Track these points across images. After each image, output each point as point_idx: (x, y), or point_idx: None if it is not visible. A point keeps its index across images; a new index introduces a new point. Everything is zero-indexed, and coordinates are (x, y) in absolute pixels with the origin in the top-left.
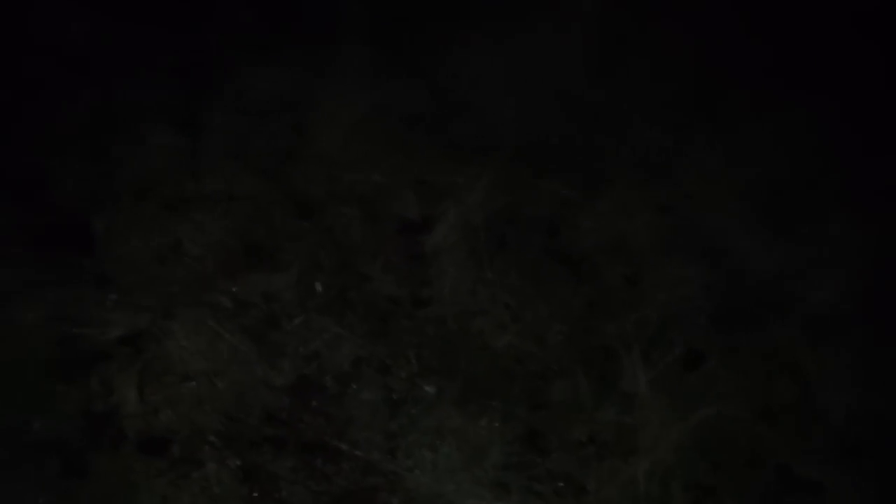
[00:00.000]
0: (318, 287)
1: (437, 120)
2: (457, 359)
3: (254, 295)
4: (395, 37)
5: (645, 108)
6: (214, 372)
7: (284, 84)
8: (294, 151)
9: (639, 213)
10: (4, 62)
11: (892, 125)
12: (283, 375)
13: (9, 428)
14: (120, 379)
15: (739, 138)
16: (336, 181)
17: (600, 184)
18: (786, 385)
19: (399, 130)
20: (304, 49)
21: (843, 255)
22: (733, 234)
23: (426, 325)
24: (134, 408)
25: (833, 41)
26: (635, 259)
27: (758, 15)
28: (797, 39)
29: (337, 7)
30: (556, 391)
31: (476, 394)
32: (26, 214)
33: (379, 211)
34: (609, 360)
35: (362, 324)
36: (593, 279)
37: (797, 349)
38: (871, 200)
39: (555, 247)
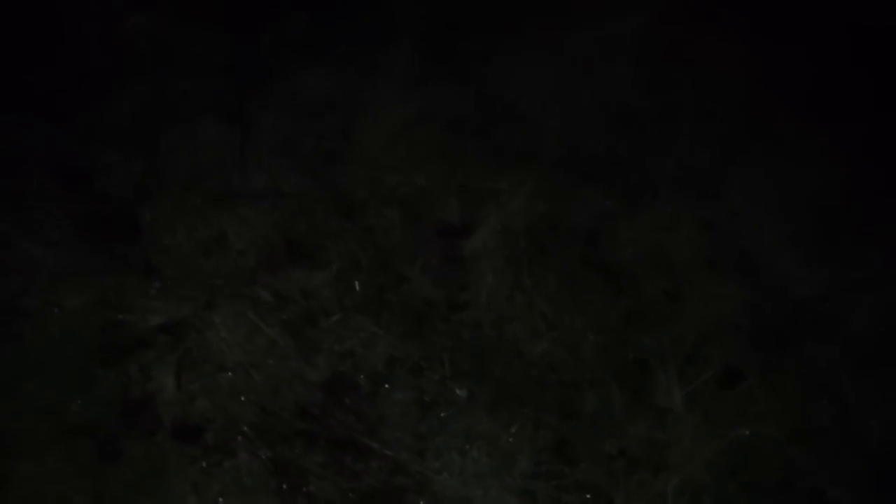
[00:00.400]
0: (357, 286)
1: (482, 126)
2: (490, 364)
3: (293, 290)
4: (444, 43)
5: (692, 123)
6: (251, 364)
7: (334, 85)
8: (340, 152)
9: (681, 227)
10: (60, 53)
11: None
12: (317, 371)
13: (47, 409)
14: (159, 366)
15: (786, 158)
16: (379, 183)
17: (643, 196)
18: (822, 408)
19: (444, 135)
20: (354, 52)
21: (887, 279)
22: (776, 254)
23: (461, 328)
24: (171, 395)
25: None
26: (675, 274)
27: (806, 36)
28: (844, 63)
29: (389, 12)
30: (589, 402)
31: (507, 400)
32: (75, 202)
33: (420, 214)
34: (644, 374)
35: (398, 324)
36: (632, 291)
37: (836, 372)
38: None
39: (594, 257)
